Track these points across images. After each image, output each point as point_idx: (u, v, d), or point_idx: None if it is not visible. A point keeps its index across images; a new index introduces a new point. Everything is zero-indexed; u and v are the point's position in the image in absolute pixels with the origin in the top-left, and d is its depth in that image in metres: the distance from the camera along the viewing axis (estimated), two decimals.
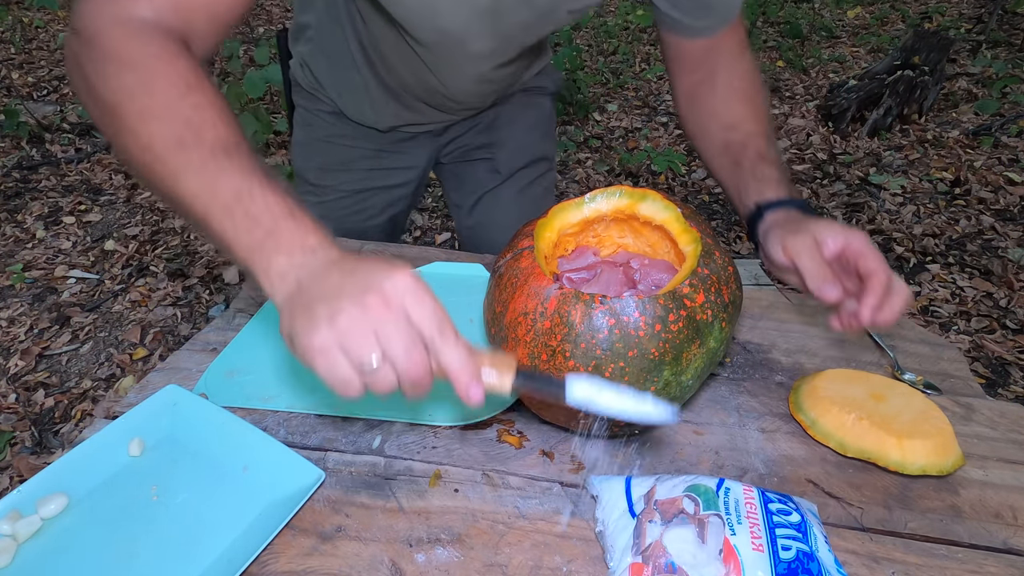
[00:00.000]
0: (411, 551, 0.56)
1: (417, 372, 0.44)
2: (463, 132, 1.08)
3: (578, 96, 3.36)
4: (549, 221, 0.67)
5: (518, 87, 1.05)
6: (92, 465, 0.63)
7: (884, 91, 3.07)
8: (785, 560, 0.48)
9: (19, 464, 1.59)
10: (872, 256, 0.61)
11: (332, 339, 0.43)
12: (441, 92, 0.89)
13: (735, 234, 2.51)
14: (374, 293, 0.44)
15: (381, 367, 0.44)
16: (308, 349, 0.44)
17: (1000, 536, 0.58)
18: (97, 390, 1.83)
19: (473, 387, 0.46)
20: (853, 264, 0.62)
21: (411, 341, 0.44)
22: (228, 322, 0.84)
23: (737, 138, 0.78)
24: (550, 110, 1.12)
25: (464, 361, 0.45)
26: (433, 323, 0.45)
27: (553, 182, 1.18)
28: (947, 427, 0.64)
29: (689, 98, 0.84)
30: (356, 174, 1.05)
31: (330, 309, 0.44)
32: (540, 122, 1.10)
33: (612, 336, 0.53)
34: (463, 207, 1.15)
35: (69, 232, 2.50)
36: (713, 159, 0.81)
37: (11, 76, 3.68)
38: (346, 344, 0.43)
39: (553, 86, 1.10)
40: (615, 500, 0.56)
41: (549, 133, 1.13)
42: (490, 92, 0.95)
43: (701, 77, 0.82)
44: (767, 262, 0.71)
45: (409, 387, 0.45)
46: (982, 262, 2.25)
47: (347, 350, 0.43)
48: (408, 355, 0.44)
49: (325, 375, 0.44)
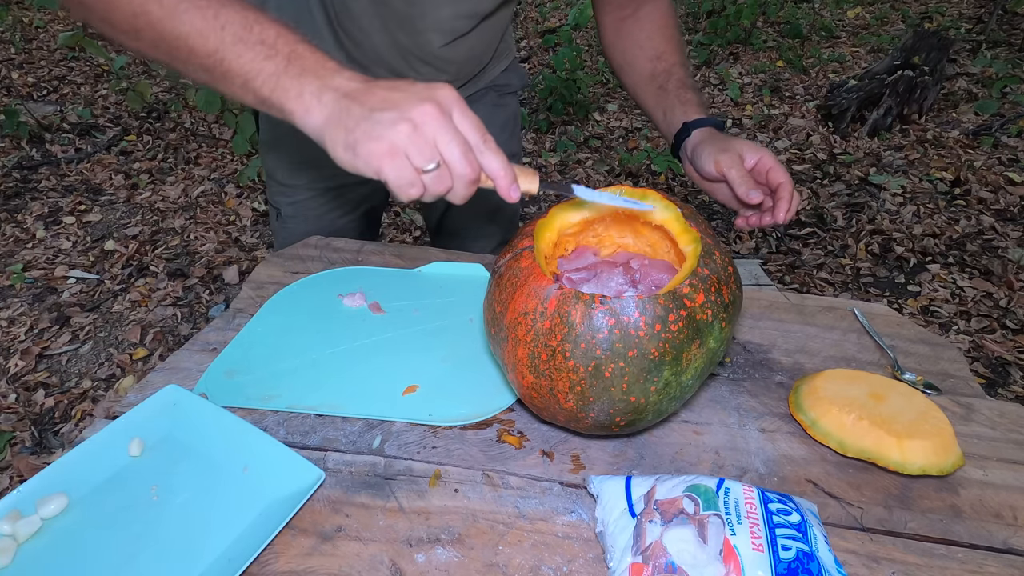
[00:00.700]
0: (411, 551, 0.56)
1: (470, 174, 0.51)
2: None
3: (578, 96, 3.36)
4: (549, 221, 0.67)
5: (486, 82, 1.05)
6: (92, 465, 0.63)
7: (884, 91, 3.07)
8: (785, 560, 0.48)
9: (19, 464, 1.59)
10: (779, 169, 0.77)
11: (398, 144, 0.48)
12: (414, 54, 0.88)
13: (735, 234, 2.51)
14: (430, 103, 0.49)
15: (441, 169, 0.50)
16: (374, 155, 0.49)
17: (1000, 536, 0.58)
18: (97, 390, 1.83)
19: (513, 187, 0.54)
20: (764, 174, 0.78)
21: (464, 147, 0.50)
22: (228, 322, 0.84)
23: (662, 67, 0.90)
24: (516, 109, 1.15)
25: (505, 166, 0.53)
26: (478, 132, 0.51)
27: None
28: (947, 427, 0.64)
29: (615, 32, 0.95)
30: (327, 170, 1.03)
31: (391, 118, 0.48)
32: (508, 122, 1.12)
33: (612, 336, 0.53)
34: (436, 207, 1.17)
35: (69, 232, 2.50)
36: (639, 86, 0.93)
37: (11, 76, 3.68)
38: (410, 149, 0.49)
39: (519, 83, 1.12)
40: (615, 500, 0.56)
41: (515, 132, 1.16)
42: (460, 58, 0.93)
43: (627, 13, 0.93)
44: (695, 174, 0.85)
45: (462, 187, 0.52)
46: (982, 262, 2.25)
47: (411, 155, 0.49)
48: (463, 159, 0.50)
49: (393, 177, 0.50)
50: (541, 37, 4.30)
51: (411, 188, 0.51)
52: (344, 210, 1.09)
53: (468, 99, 1.03)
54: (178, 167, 2.97)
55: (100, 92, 3.60)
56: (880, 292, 2.18)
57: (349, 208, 1.10)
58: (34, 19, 4.31)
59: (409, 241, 2.50)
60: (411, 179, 0.50)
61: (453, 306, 0.86)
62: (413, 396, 0.72)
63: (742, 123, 3.35)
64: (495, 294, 0.61)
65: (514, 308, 0.58)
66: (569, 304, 0.55)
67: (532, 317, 0.56)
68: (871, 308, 0.87)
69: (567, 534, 0.58)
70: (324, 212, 1.08)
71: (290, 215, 1.09)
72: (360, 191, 1.09)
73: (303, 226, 1.08)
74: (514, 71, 1.11)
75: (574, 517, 0.59)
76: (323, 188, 1.06)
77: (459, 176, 0.51)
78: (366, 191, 1.09)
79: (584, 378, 0.55)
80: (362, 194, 1.09)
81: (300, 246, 1.00)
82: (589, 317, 0.54)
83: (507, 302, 0.59)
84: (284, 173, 1.06)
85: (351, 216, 1.11)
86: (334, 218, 1.09)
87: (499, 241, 1.15)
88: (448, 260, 0.95)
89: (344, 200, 1.08)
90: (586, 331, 0.54)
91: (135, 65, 3.87)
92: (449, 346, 0.80)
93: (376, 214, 1.18)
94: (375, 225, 1.20)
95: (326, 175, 1.05)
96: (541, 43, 4.18)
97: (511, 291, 0.59)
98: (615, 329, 0.53)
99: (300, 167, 1.05)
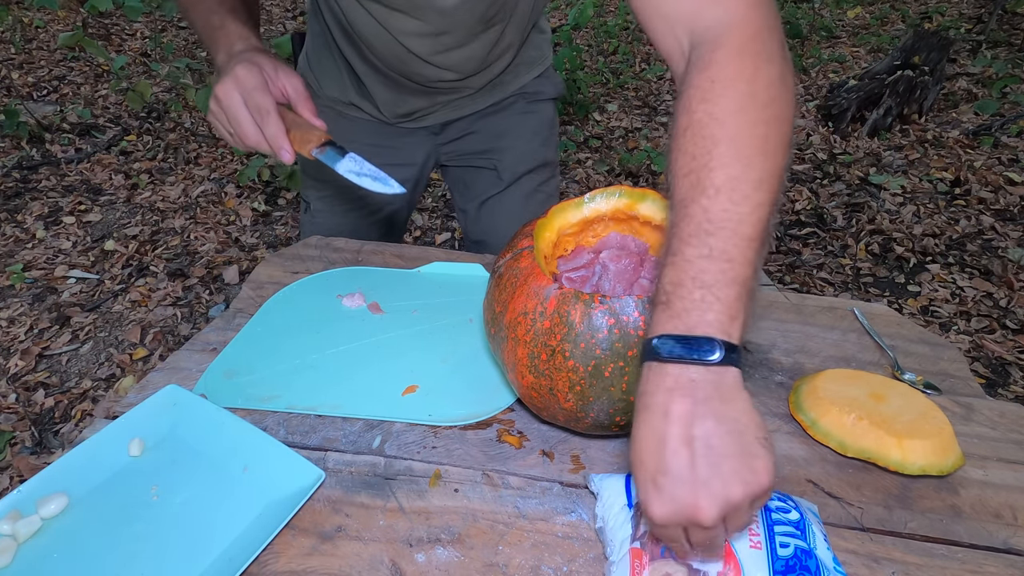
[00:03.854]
0: (411, 551, 0.56)
1: (252, 137, 0.71)
2: (461, 135, 1.08)
3: (578, 96, 3.36)
4: (549, 221, 0.67)
5: (514, 89, 1.04)
6: (92, 465, 0.63)
7: (884, 91, 3.07)
8: (783, 557, 0.48)
9: (19, 464, 1.59)
10: None
11: (214, 110, 0.72)
12: (413, 57, 0.88)
13: None
14: (229, 82, 0.70)
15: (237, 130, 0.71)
16: (210, 112, 0.73)
17: (1000, 536, 0.58)
18: (97, 390, 1.83)
19: (283, 151, 0.71)
20: None
21: (247, 119, 0.70)
22: (228, 322, 0.84)
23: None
24: (552, 116, 1.13)
25: (274, 135, 0.70)
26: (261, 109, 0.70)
27: (557, 188, 1.19)
28: (947, 427, 0.64)
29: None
30: None
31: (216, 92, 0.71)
32: (541, 128, 1.11)
33: (612, 336, 0.53)
34: (468, 212, 1.16)
35: (69, 232, 2.50)
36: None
37: (11, 76, 3.68)
38: (219, 116, 0.72)
39: (554, 91, 1.11)
40: (615, 497, 0.56)
41: (551, 139, 1.14)
42: (454, 64, 0.92)
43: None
44: None
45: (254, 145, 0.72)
46: (982, 262, 2.25)
47: (220, 120, 0.73)
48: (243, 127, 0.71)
49: (212, 125, 0.74)
50: None
51: (228, 137, 0.74)
52: (370, 209, 1.11)
53: (495, 106, 1.05)
54: (178, 167, 2.97)
55: (100, 92, 3.59)
56: (880, 292, 2.18)
57: (375, 207, 1.11)
58: (34, 19, 4.30)
59: (409, 241, 2.50)
60: (225, 136, 0.74)
61: (453, 306, 0.86)
62: (413, 396, 0.72)
63: None
64: (495, 294, 0.61)
65: (514, 308, 0.58)
66: (569, 304, 0.55)
67: (532, 317, 0.56)
68: (871, 308, 0.87)
69: (567, 534, 0.58)
70: (349, 209, 1.10)
71: (319, 209, 1.11)
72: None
73: (330, 220, 1.11)
74: (548, 78, 1.09)
75: (574, 517, 0.59)
76: (350, 185, 1.08)
77: (245, 137, 0.71)
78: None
79: (584, 378, 0.55)
80: (388, 195, 1.10)
81: (300, 246, 1.00)
82: (589, 317, 0.54)
83: (507, 302, 0.59)
84: (315, 169, 1.08)
85: (376, 216, 1.13)
86: (359, 217, 1.11)
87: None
88: (448, 260, 0.95)
89: (370, 199, 1.10)
90: (586, 331, 0.54)
91: (135, 65, 3.87)
92: (449, 346, 0.80)
93: (401, 218, 1.19)
94: (399, 229, 1.21)
95: None
96: None
97: (511, 291, 0.59)
98: (615, 329, 0.53)
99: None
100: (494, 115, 1.06)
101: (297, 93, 0.75)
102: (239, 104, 0.69)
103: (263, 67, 0.72)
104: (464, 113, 1.04)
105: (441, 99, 1.00)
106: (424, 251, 0.99)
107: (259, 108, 0.70)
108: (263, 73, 0.72)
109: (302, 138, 0.72)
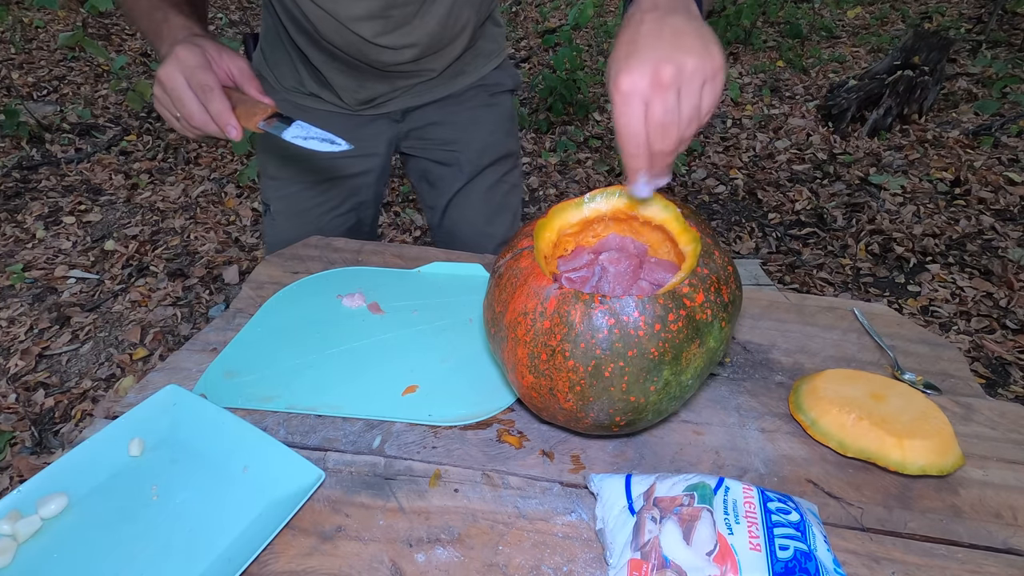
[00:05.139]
0: (411, 551, 0.56)
1: (198, 118, 0.69)
2: (424, 124, 1.09)
3: (578, 96, 3.36)
4: (549, 221, 0.67)
5: (472, 80, 1.06)
6: (92, 465, 0.63)
7: (884, 91, 3.07)
8: (783, 560, 0.48)
9: (19, 464, 1.59)
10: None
11: (159, 96, 0.71)
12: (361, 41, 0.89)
13: (735, 234, 2.51)
14: (172, 65, 0.69)
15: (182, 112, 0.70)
16: (154, 98, 0.72)
17: (1000, 536, 0.58)
18: (97, 390, 1.83)
19: (229, 127, 0.69)
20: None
21: (192, 100, 0.69)
22: (228, 322, 0.84)
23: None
24: (511, 108, 1.15)
25: (219, 112, 0.69)
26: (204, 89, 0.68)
27: (520, 178, 1.22)
28: (947, 427, 0.64)
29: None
30: (315, 163, 1.07)
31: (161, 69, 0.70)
32: (503, 120, 1.13)
33: (612, 336, 0.53)
34: (436, 209, 1.18)
35: (69, 232, 2.50)
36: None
37: (11, 76, 3.68)
38: (164, 99, 0.70)
39: (512, 83, 1.13)
40: (615, 498, 0.56)
41: (512, 131, 1.16)
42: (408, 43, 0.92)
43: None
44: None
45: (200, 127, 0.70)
46: (982, 262, 2.25)
47: (164, 104, 0.71)
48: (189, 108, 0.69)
49: (163, 116, 0.72)
50: (541, 37, 4.29)
51: (175, 123, 0.72)
52: (333, 204, 1.11)
53: (453, 96, 1.06)
54: (178, 167, 2.97)
55: (100, 92, 3.59)
56: (880, 292, 2.18)
57: (338, 202, 1.11)
58: (34, 19, 4.30)
59: (409, 241, 2.50)
60: (172, 122, 0.72)
61: (453, 306, 0.86)
62: (413, 396, 0.72)
63: (742, 123, 3.35)
64: (495, 294, 0.61)
65: (514, 308, 0.58)
66: (569, 304, 0.55)
67: (532, 317, 0.56)
68: (871, 308, 0.87)
69: (567, 534, 0.58)
70: (312, 206, 1.10)
71: (279, 210, 1.11)
72: (348, 184, 1.10)
73: (292, 221, 1.10)
74: (505, 70, 1.12)
75: (574, 517, 0.59)
76: (312, 180, 1.08)
77: (191, 118, 0.69)
78: (354, 184, 1.11)
79: (584, 378, 0.55)
80: (351, 187, 1.11)
81: (300, 246, 1.00)
82: (589, 317, 0.54)
83: (507, 302, 0.59)
84: (275, 165, 1.08)
85: (340, 211, 1.12)
86: (322, 212, 1.10)
87: (499, 241, 1.16)
88: (448, 260, 0.95)
89: (333, 194, 1.10)
90: (586, 331, 0.54)
91: (135, 65, 3.87)
92: (449, 346, 0.80)
93: (368, 212, 1.18)
94: (368, 225, 1.21)
95: (315, 167, 1.07)
96: (541, 43, 4.17)
97: (511, 291, 0.59)
98: (615, 329, 0.53)
99: (290, 159, 1.07)
100: (456, 106, 1.07)
101: (242, 72, 0.74)
102: (183, 85, 0.68)
103: (206, 48, 0.71)
104: (425, 100, 1.05)
105: (401, 83, 1.01)
106: (424, 251, 0.99)
107: (202, 86, 0.68)
108: (206, 54, 0.70)
109: (248, 112, 0.71)
